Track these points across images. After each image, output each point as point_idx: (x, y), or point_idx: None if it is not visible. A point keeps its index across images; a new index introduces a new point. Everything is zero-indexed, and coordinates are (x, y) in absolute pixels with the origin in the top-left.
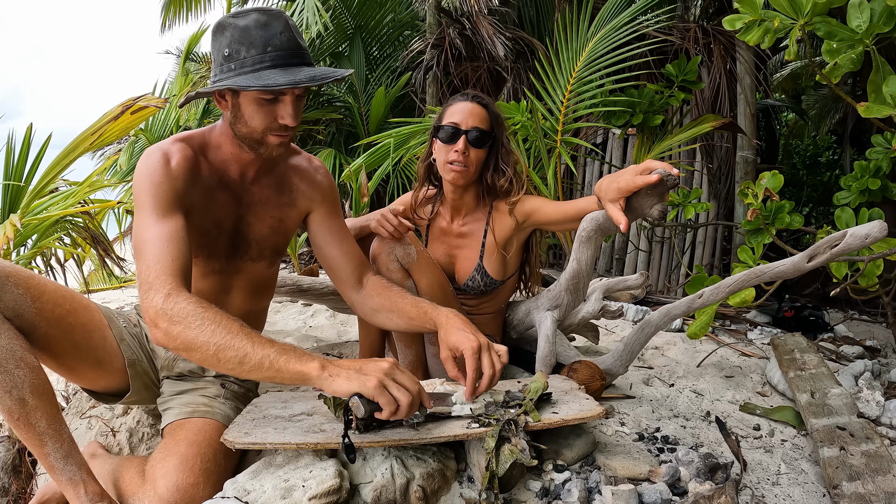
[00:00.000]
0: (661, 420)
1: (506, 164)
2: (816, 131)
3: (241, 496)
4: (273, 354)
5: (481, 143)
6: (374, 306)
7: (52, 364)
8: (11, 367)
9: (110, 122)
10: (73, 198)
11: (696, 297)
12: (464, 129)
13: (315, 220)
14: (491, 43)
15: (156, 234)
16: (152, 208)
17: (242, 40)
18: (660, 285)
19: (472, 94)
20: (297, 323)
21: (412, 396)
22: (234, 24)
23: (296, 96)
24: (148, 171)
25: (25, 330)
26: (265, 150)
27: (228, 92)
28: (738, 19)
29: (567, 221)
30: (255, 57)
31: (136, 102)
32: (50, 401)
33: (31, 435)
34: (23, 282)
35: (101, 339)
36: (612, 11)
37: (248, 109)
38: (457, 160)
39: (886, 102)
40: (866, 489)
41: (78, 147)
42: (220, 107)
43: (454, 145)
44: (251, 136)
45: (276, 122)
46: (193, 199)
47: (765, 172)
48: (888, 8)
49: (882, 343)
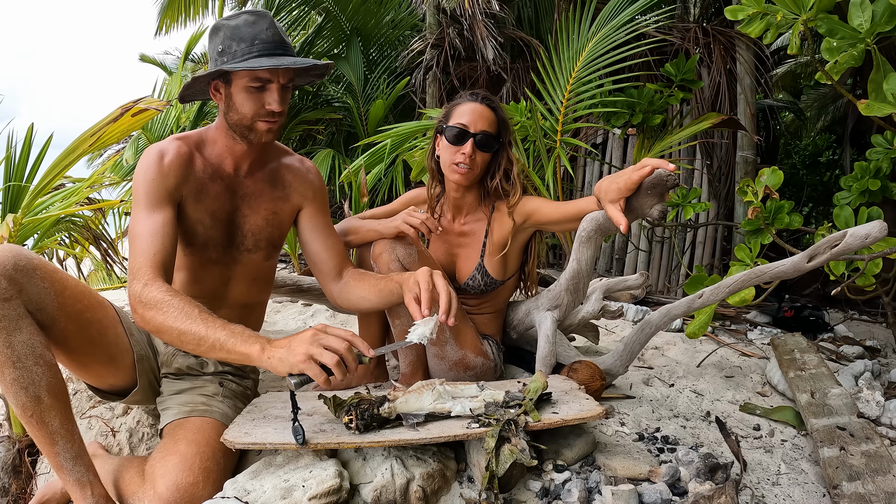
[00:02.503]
0: (661, 420)
1: (509, 166)
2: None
3: (241, 496)
4: (223, 337)
5: (488, 147)
6: (350, 292)
7: (65, 359)
8: (30, 364)
9: (109, 125)
10: (74, 196)
11: (696, 297)
12: (472, 131)
13: (305, 216)
14: (483, 45)
15: (145, 227)
16: (144, 204)
17: (233, 37)
18: (660, 285)
19: (482, 94)
20: (297, 323)
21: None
22: (226, 24)
23: (281, 85)
24: (143, 169)
25: (45, 323)
26: (255, 136)
27: (221, 84)
28: (740, 10)
29: (567, 222)
30: (244, 49)
31: (135, 105)
32: (64, 401)
33: (43, 433)
34: (49, 275)
35: (114, 335)
36: (612, 11)
37: (239, 98)
38: (463, 162)
39: (887, 100)
40: (866, 489)
41: (77, 149)
42: (215, 99)
43: (461, 147)
44: (242, 122)
45: (263, 108)
46: (186, 192)
47: (764, 169)
48: (890, 7)
49: (882, 343)
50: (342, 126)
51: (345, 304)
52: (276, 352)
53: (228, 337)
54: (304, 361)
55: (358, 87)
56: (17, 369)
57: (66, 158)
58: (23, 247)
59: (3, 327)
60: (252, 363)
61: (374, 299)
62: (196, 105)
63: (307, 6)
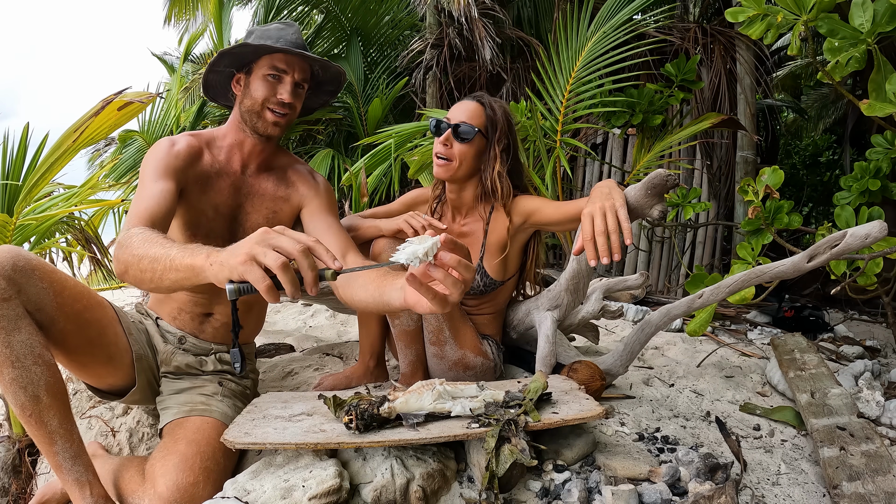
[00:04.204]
0: (661, 420)
1: (503, 166)
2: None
3: (241, 496)
4: (174, 253)
5: (465, 138)
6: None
7: (64, 359)
8: (29, 364)
9: (92, 119)
10: (75, 198)
11: (696, 297)
12: (452, 122)
13: (307, 213)
14: (481, 45)
15: (144, 192)
16: (149, 175)
17: (262, 36)
18: (660, 285)
19: (480, 95)
20: (297, 323)
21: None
22: (258, 27)
23: (295, 82)
24: (152, 151)
25: (44, 324)
26: (262, 125)
27: (244, 76)
28: (741, 12)
29: (567, 222)
30: (270, 43)
31: (118, 97)
32: (63, 400)
33: (42, 433)
34: (47, 276)
35: (113, 335)
36: (611, 10)
37: (255, 84)
38: (440, 153)
39: (888, 100)
40: (866, 489)
41: (61, 146)
42: (235, 90)
43: (440, 138)
44: (253, 108)
45: (275, 96)
46: (192, 180)
47: (765, 168)
48: (891, 7)
49: (882, 343)
50: (342, 126)
51: (346, 294)
52: (220, 257)
53: (179, 252)
54: (244, 262)
55: (358, 86)
56: (15, 369)
57: (51, 156)
58: (21, 248)
59: (2, 327)
60: (200, 278)
61: (371, 289)
62: (196, 105)
63: (307, 6)
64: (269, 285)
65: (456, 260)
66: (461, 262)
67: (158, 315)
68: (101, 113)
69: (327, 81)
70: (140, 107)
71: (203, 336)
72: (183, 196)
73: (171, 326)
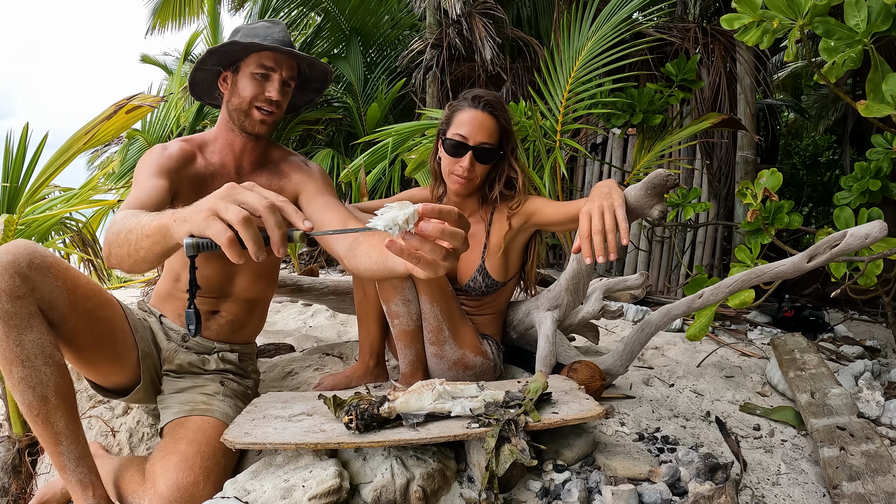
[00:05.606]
0: (661, 420)
1: (512, 173)
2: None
3: (241, 496)
4: (145, 220)
5: (487, 160)
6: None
7: (72, 357)
8: (39, 364)
9: (103, 122)
10: (76, 198)
11: (696, 298)
12: (471, 144)
13: (304, 198)
14: (481, 45)
15: (137, 189)
16: (143, 176)
17: (249, 34)
18: (660, 285)
19: (484, 99)
20: (297, 323)
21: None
22: (245, 25)
23: (282, 80)
24: (145, 156)
25: (56, 321)
26: (249, 123)
27: (230, 73)
28: (737, 19)
29: (568, 222)
30: (257, 41)
31: (129, 101)
32: (70, 401)
33: (49, 433)
34: (62, 273)
35: (121, 333)
36: (611, 9)
37: (243, 82)
38: (461, 175)
39: (886, 101)
40: (866, 489)
41: (71, 147)
42: (222, 88)
43: (460, 160)
44: (240, 107)
45: (262, 94)
46: (185, 182)
47: (763, 171)
48: (886, 6)
49: (882, 343)
50: (342, 126)
51: (351, 264)
52: (184, 211)
53: (148, 218)
54: (206, 217)
55: (357, 86)
56: (25, 368)
57: (60, 157)
58: (37, 243)
59: (14, 325)
60: (167, 238)
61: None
62: (195, 106)
63: (306, 7)
64: (231, 238)
65: (439, 230)
66: (445, 230)
67: (162, 312)
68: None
69: (314, 79)
70: (147, 110)
71: (207, 334)
72: (178, 199)
73: (175, 324)
